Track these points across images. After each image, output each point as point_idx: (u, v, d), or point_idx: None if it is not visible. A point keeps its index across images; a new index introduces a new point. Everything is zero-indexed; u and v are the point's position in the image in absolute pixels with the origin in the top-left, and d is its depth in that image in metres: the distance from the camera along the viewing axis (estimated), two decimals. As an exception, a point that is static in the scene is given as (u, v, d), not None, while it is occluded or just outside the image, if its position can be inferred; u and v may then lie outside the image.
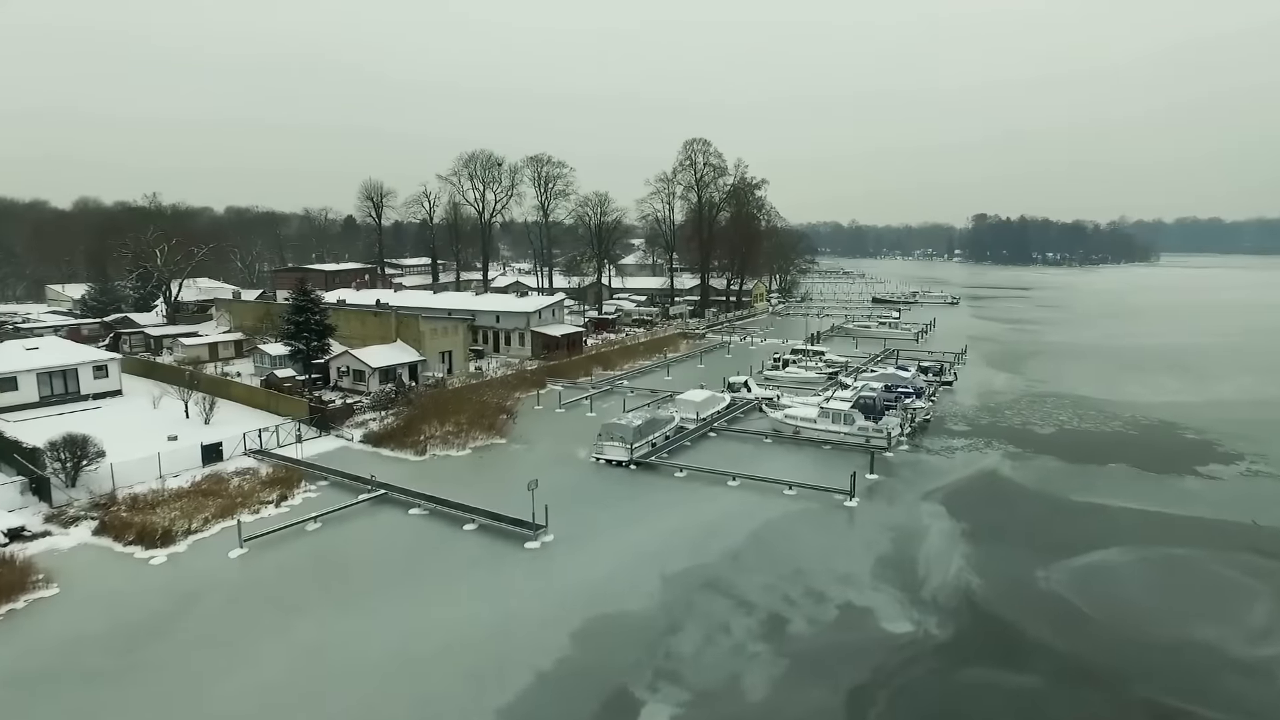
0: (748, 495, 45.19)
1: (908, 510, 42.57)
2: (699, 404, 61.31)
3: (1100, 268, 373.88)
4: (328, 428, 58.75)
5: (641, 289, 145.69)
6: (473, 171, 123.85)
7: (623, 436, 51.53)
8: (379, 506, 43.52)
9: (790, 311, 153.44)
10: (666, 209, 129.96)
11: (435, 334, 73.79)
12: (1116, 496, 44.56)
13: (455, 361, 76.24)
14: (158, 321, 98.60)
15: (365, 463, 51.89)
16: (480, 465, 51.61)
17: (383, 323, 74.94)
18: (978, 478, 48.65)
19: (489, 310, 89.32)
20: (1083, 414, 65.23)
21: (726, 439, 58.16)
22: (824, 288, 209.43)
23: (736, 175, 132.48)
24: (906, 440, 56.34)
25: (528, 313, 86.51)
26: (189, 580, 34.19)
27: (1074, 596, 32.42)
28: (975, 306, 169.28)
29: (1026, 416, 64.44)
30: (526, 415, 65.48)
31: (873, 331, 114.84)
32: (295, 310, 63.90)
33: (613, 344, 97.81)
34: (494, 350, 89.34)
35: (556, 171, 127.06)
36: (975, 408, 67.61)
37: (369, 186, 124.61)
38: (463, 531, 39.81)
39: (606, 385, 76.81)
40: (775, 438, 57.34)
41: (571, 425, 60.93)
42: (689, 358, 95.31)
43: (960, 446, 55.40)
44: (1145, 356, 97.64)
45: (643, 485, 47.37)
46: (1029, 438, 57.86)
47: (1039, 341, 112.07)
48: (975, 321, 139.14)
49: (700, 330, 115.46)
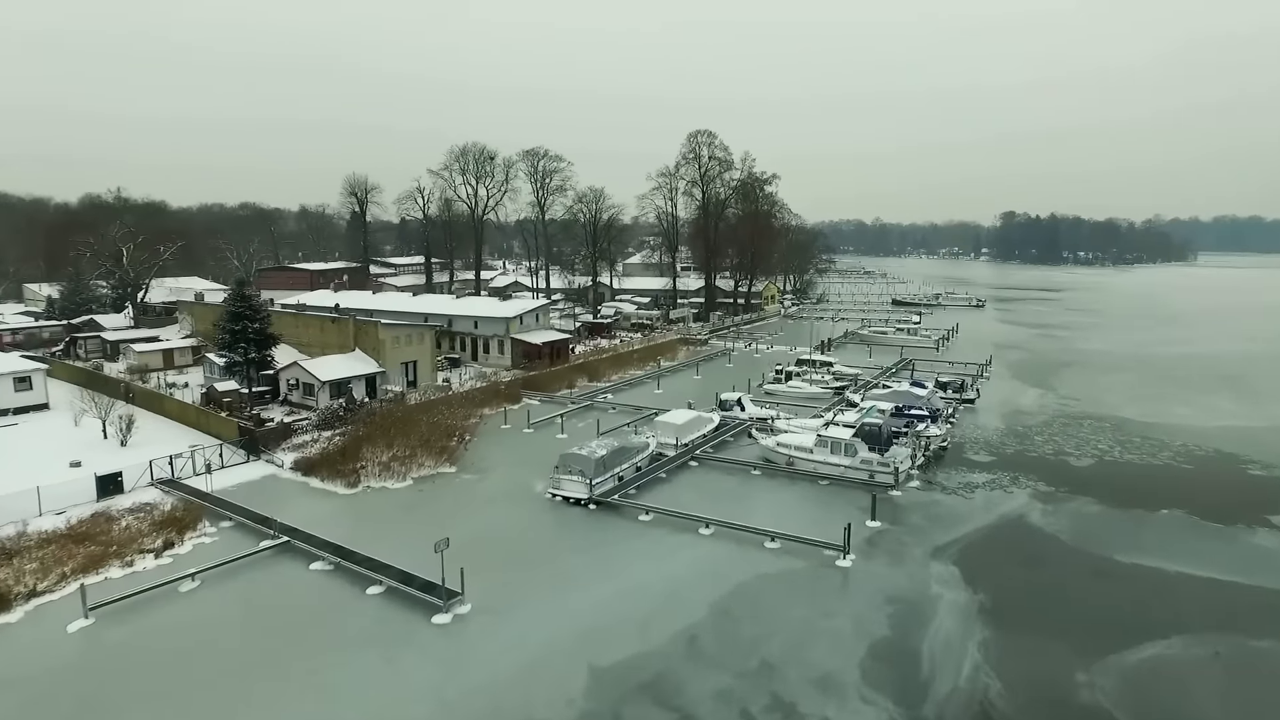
0: (721, 547, 37.64)
1: (913, 574, 34.75)
2: (680, 427, 53.73)
3: (1135, 267, 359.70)
4: (258, 451, 52.08)
5: (645, 290, 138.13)
6: (464, 165, 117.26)
7: (582, 470, 44.19)
8: (279, 558, 36.58)
9: (804, 314, 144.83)
10: (669, 205, 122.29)
11: (397, 342, 66.91)
12: (1173, 557, 36.35)
13: (421, 372, 69.33)
14: (123, 324, 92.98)
15: (288, 496, 45.15)
16: (416, 503, 44.50)
17: (340, 330, 68.27)
18: (1001, 527, 40.63)
19: (466, 315, 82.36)
20: (1125, 441, 56.70)
21: (709, 469, 50.58)
22: (842, 288, 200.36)
23: (744, 169, 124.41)
24: (918, 474, 48.42)
25: (506, 318, 79.39)
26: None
27: (1128, 716, 24.51)
28: (1002, 310, 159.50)
29: (1059, 444, 56.09)
30: (489, 436, 58.39)
31: (889, 338, 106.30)
32: (231, 317, 57.31)
33: (604, 352, 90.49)
34: (472, 358, 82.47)
35: (554, 165, 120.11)
36: (1000, 432, 59.34)
37: (352, 181, 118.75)
38: (365, 596, 32.70)
39: (586, 400, 69.52)
40: (766, 469, 49.67)
41: (537, 449, 53.70)
42: (686, 367, 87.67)
43: (981, 483, 47.33)
44: (1191, 368, 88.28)
45: (598, 532, 39.99)
46: (1063, 472, 49.60)
47: (1071, 350, 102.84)
48: (1001, 327, 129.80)
49: (703, 336, 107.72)
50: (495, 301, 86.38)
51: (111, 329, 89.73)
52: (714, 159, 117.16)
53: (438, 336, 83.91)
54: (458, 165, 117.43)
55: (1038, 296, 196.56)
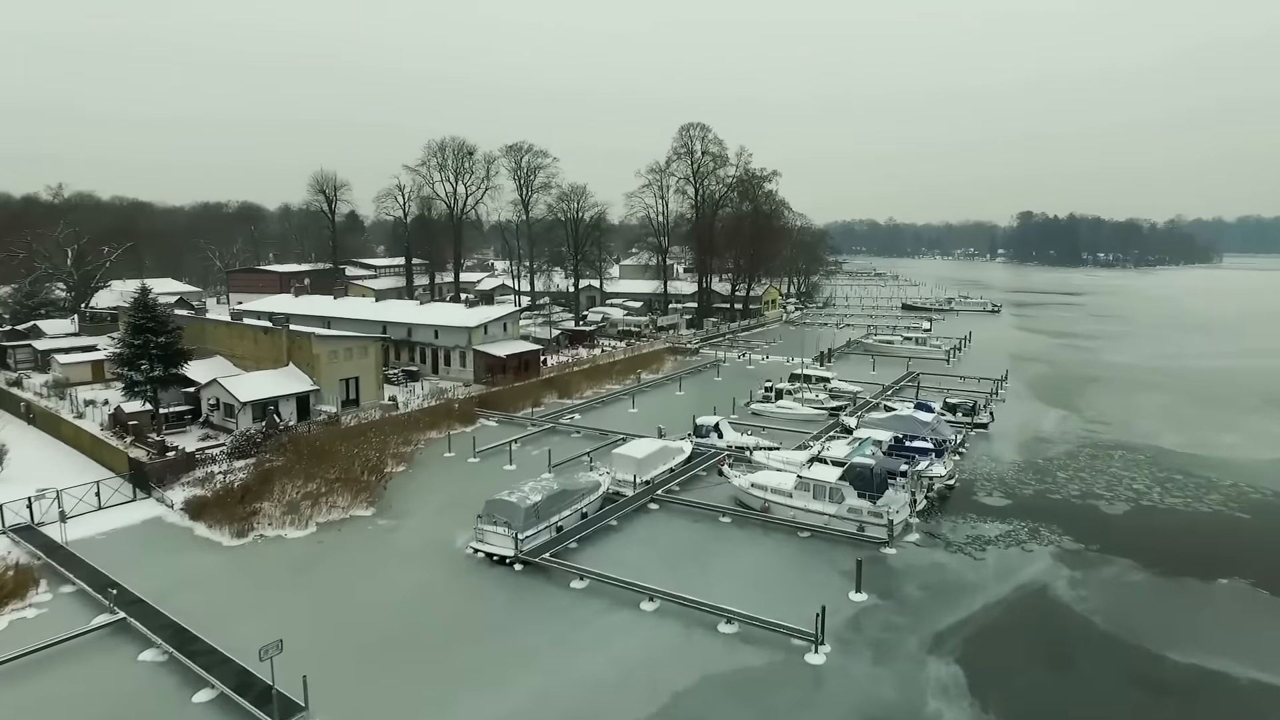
0: (664, 631, 29.99)
1: (904, 676, 26.92)
2: (641, 461, 45.99)
3: (1157, 269, 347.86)
4: (148, 487, 44.93)
5: (637, 293, 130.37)
6: (442, 161, 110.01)
7: (508, 520, 36.66)
8: (107, 643, 29.25)
9: (807, 320, 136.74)
10: (660, 204, 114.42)
11: (334, 357, 59.60)
12: (1241, 655, 28.26)
13: (365, 390, 62.02)
14: (66, 331, 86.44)
15: (160, 549, 37.93)
16: (308, 560, 37.08)
17: (274, 343, 61.09)
18: (1018, 604, 32.65)
19: (426, 324, 74.96)
20: (1165, 480, 48.41)
21: (671, 514, 42.87)
22: (851, 291, 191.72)
23: (740, 165, 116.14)
24: (918, 521, 40.54)
25: (468, 328, 71.90)
26: None
27: None
28: (1019, 316, 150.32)
29: (1087, 482, 47.90)
30: (427, 466, 51.00)
31: (896, 348, 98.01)
32: (132, 330, 50.25)
33: (582, 363, 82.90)
34: (432, 371, 75.12)
35: (538, 162, 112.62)
36: (1017, 466, 51.20)
37: (320, 178, 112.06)
38: (189, 705, 25.32)
39: (550, 422, 61.94)
40: (737, 515, 41.93)
41: (476, 485, 46.15)
42: (669, 381, 79.85)
43: (994, 536, 39.34)
44: (1233, 385, 79.42)
45: (516, 604, 32.41)
46: (1093, 522, 41.49)
47: (1096, 363, 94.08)
48: (1019, 335, 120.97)
49: (693, 344, 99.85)
50: (458, 309, 78.92)
51: (51, 336, 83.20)
52: (707, 154, 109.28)
53: (395, 348, 76.90)
54: (435, 161, 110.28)
55: (1058, 301, 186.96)
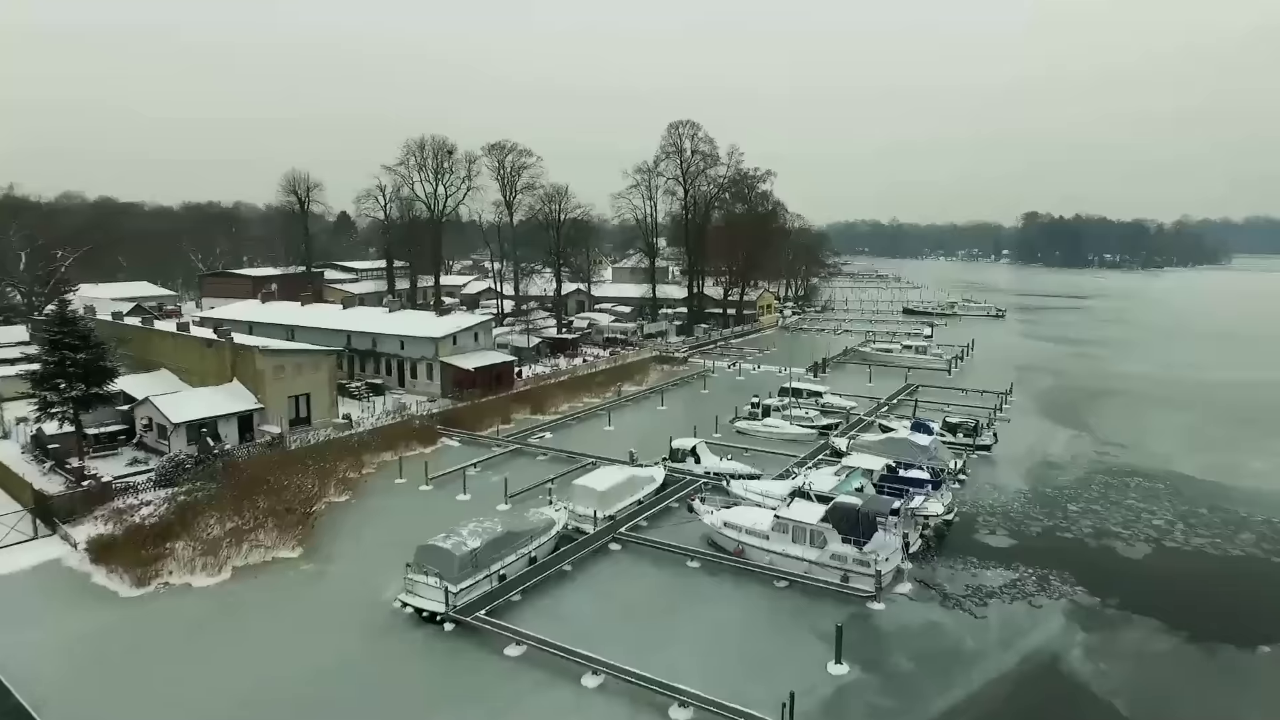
0: (606, 713, 25.28)
1: (887, 787, 22.15)
2: (603, 494, 41.25)
3: (1165, 271, 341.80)
4: (53, 523, 40.39)
5: (628, 298, 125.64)
6: (421, 161, 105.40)
7: (441, 570, 32.00)
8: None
9: (805, 325, 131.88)
10: (648, 205, 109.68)
11: (281, 373, 54.98)
12: (1297, 754, 23.46)
13: (317, 407, 57.40)
14: (16, 340, 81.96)
15: (39, 604, 33.37)
16: (211, 615, 32.38)
17: (218, 357, 56.53)
18: (1026, 681, 27.81)
19: (391, 334, 70.30)
20: (1188, 514, 43.51)
21: (635, 557, 38.14)
22: (851, 294, 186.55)
23: (731, 164, 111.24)
24: (910, 568, 35.78)
25: (434, 339, 67.21)
26: None
27: None
28: (1024, 321, 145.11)
29: (1102, 517, 43.04)
30: (373, 496, 46.35)
31: (895, 357, 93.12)
32: (49, 346, 45.67)
33: (560, 374, 78.17)
34: (399, 384, 70.51)
35: (521, 161, 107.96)
36: (1023, 496, 46.34)
37: (291, 178, 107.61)
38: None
39: (516, 442, 57.18)
40: (707, 559, 37.18)
41: (423, 518, 41.50)
42: (651, 394, 75.03)
43: (997, 587, 34.54)
44: (1257, 402, 74.12)
45: (437, 678, 27.72)
46: (1110, 568, 36.68)
47: (1107, 373, 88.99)
48: (1024, 343, 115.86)
49: (681, 353, 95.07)
50: (427, 317, 74.19)
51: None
52: (697, 153, 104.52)
53: (360, 359, 72.40)
54: (414, 160, 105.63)
55: (1064, 305, 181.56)
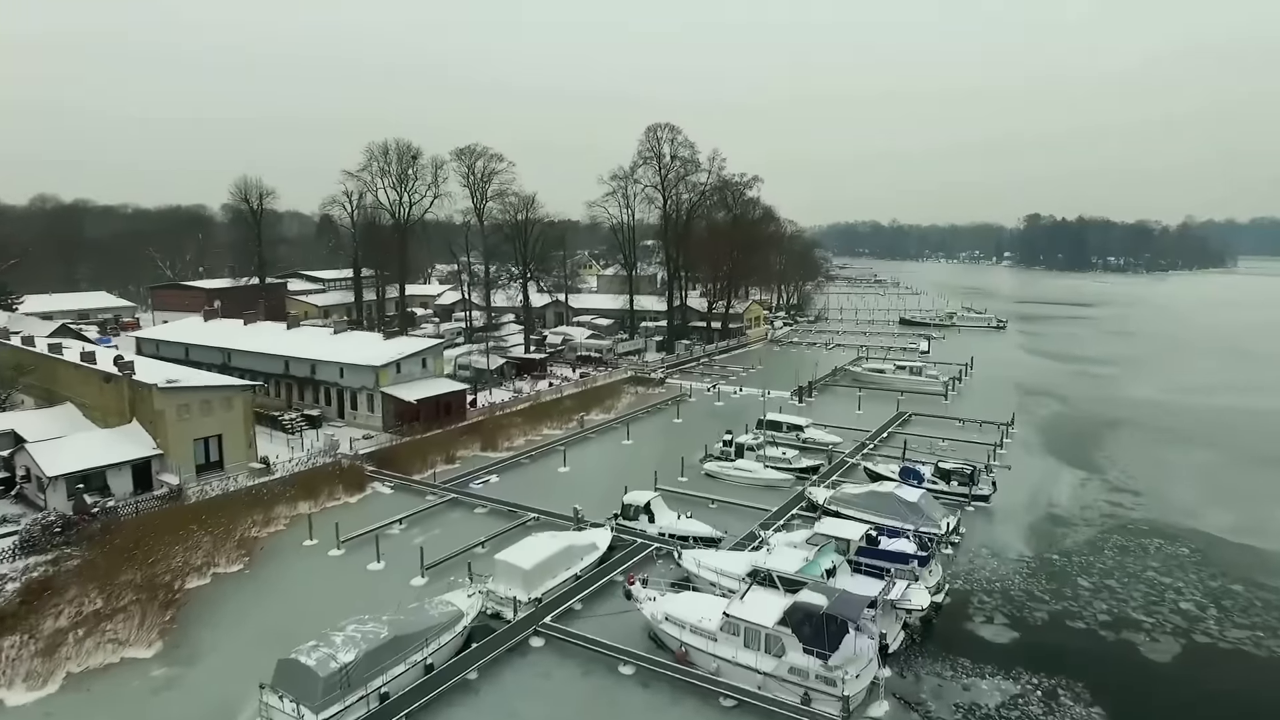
0: None
1: None
2: (529, 573, 34.88)
3: (1170, 275, 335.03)
4: None
5: (609, 310, 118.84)
6: (384, 166, 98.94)
7: (300, 695, 25.65)
8: None
9: (795, 339, 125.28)
10: (626, 214, 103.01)
11: (186, 412, 48.54)
12: None
13: (231, 450, 50.95)
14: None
15: None
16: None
17: (116, 393, 50.17)
18: None
19: (330, 361, 63.86)
20: (1220, 592, 37.06)
21: (560, 656, 31.68)
22: (847, 302, 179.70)
23: (713, 170, 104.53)
24: (888, 676, 29.36)
25: (374, 367, 60.76)
26: None
27: None
28: (1027, 333, 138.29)
29: (1119, 596, 36.61)
30: (272, 562, 40.00)
31: (888, 378, 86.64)
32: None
33: (522, 401, 71.71)
34: (339, 415, 64.14)
35: (492, 166, 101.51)
36: (1026, 568, 39.88)
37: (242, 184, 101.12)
38: None
39: (456, 489, 50.62)
40: (643, 663, 30.74)
41: (323, 599, 35.26)
42: (619, 423, 68.40)
43: (993, 708, 28.13)
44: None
45: None
46: (1131, 677, 30.25)
47: (1115, 399, 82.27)
48: (1027, 360, 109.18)
49: (659, 373, 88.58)
50: (371, 341, 67.40)
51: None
52: (677, 158, 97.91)
53: (299, 386, 66.06)
54: (377, 166, 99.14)
55: (1067, 314, 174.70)
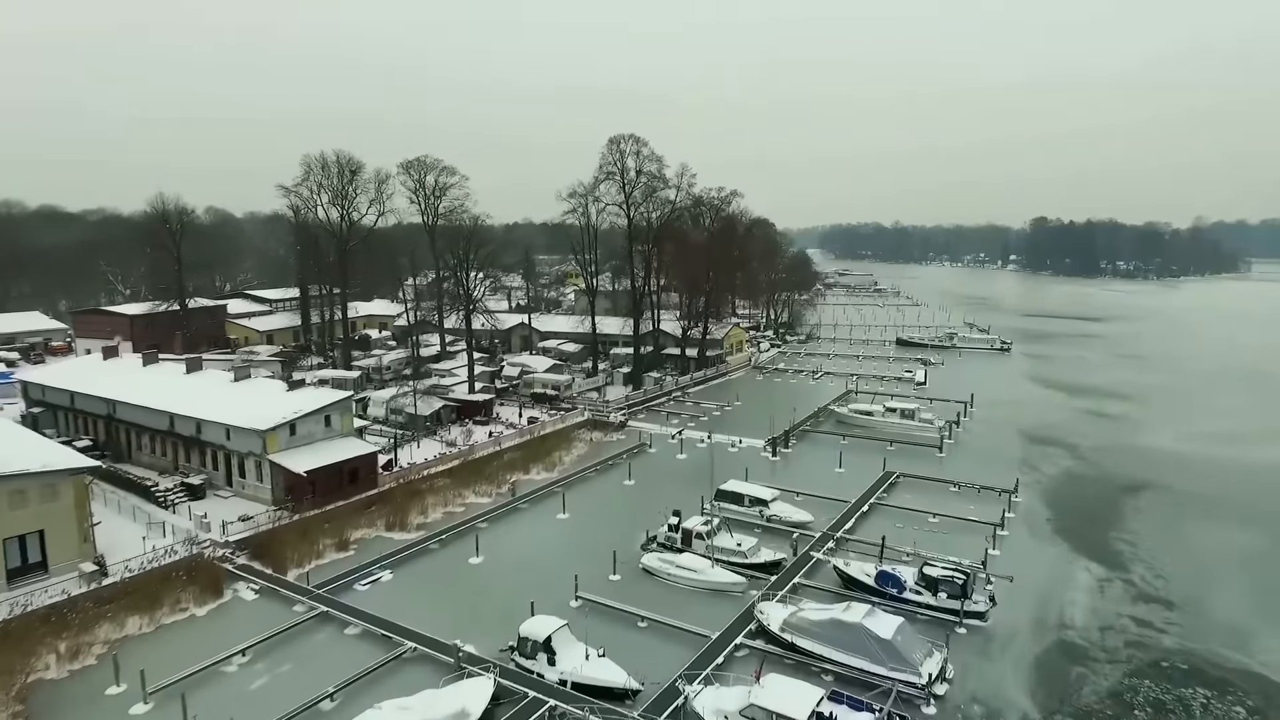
0: None
1: None
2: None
3: (1182, 281, 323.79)
4: None
5: (581, 334, 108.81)
6: (324, 180, 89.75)
7: None
8: None
9: (783, 364, 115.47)
10: (586, 234, 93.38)
11: None
12: None
13: (59, 546, 41.69)
14: None
15: None
16: None
17: (-86, 478, 40.85)
18: None
19: (214, 421, 54.46)
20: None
21: None
22: (842, 316, 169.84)
23: (682, 186, 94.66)
24: None
25: (260, 431, 51.34)
26: None
27: None
28: (1033, 356, 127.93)
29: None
30: None
31: (876, 423, 77.03)
32: None
33: (451, 459, 62.26)
34: (227, 482, 54.88)
35: (444, 181, 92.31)
36: (1032, 740, 30.40)
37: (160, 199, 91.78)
38: None
39: (335, 595, 41.29)
40: None
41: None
42: (557, 488, 58.62)
43: None
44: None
45: None
46: None
47: (1135, 451, 72.15)
48: (1032, 392, 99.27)
49: (620, 415, 79.05)
50: (270, 392, 57.87)
51: None
52: (642, 173, 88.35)
53: (185, 447, 56.72)
54: (315, 180, 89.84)
55: (1076, 330, 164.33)
